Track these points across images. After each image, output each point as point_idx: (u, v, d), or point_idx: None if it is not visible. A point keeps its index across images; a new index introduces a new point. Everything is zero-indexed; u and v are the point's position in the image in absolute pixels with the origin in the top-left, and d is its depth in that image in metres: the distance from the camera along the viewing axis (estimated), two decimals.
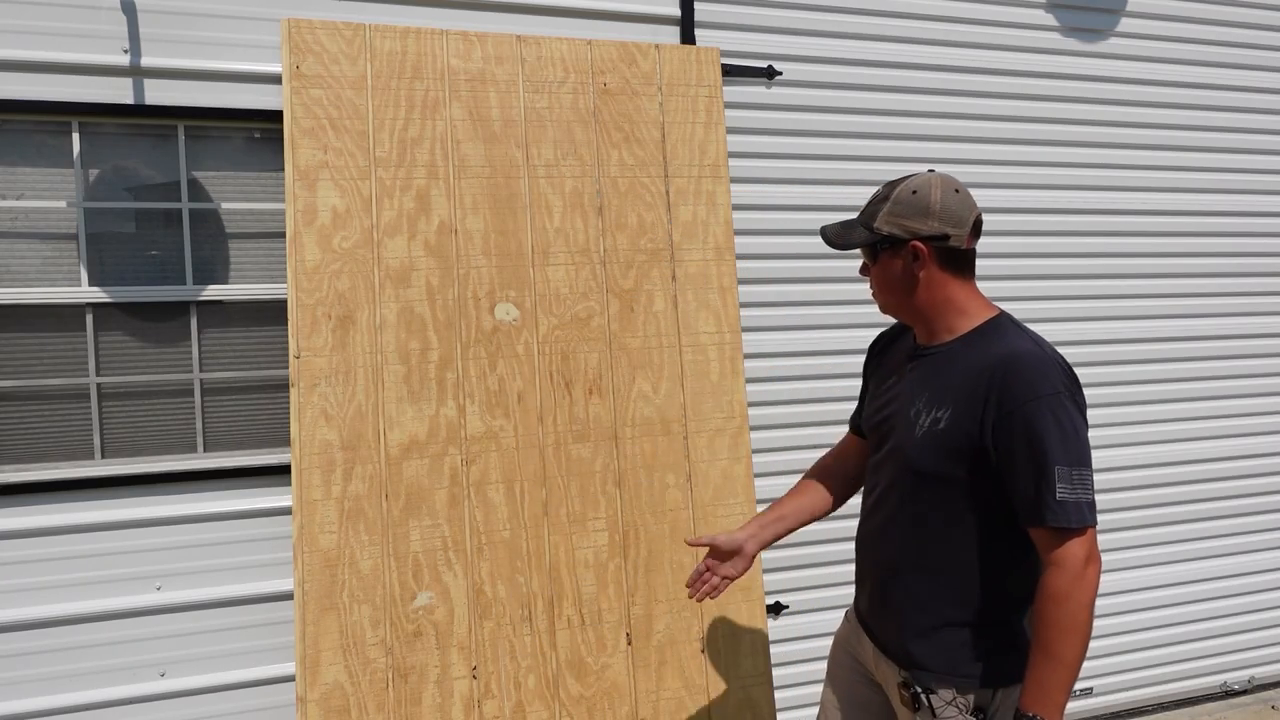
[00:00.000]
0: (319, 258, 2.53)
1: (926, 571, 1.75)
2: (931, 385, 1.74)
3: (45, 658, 2.54)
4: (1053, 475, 1.55)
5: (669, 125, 2.88)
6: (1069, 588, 1.54)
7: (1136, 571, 3.69)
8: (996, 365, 1.63)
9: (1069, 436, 1.58)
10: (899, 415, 1.80)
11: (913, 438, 1.73)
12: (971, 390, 1.64)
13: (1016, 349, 1.65)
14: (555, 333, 2.71)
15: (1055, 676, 1.54)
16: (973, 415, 1.63)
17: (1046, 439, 1.56)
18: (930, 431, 1.70)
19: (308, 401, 2.48)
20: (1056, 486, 1.55)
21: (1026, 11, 3.46)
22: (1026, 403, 1.58)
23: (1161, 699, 3.78)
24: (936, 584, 1.74)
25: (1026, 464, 1.58)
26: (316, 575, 2.44)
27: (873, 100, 3.27)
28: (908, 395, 1.79)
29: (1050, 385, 1.59)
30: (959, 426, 1.65)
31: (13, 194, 2.56)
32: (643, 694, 2.67)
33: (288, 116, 2.53)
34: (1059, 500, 1.55)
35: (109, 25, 2.55)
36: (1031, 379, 1.59)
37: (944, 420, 1.68)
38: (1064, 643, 1.54)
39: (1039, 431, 1.57)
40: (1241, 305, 3.81)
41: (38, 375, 2.59)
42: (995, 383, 1.61)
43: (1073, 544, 1.56)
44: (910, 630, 1.77)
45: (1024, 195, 3.49)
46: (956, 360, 1.72)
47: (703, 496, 2.78)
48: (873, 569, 1.90)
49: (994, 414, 1.60)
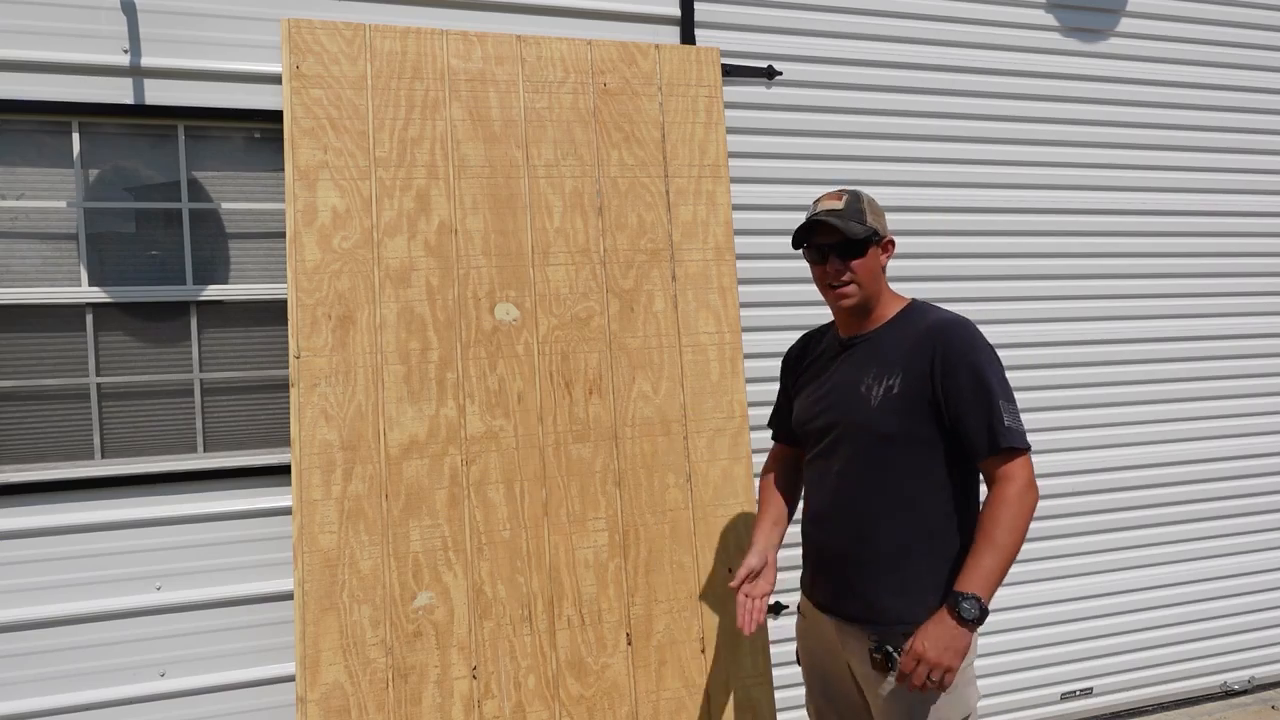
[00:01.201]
0: (319, 258, 2.53)
1: (897, 528, 1.94)
2: (876, 361, 1.99)
3: (45, 658, 2.54)
4: (999, 408, 1.85)
5: (669, 125, 2.88)
6: (1019, 494, 1.83)
7: (1136, 571, 3.69)
8: (935, 331, 1.93)
9: (1003, 379, 1.90)
10: (846, 398, 2.01)
11: (870, 408, 1.95)
12: (917, 353, 1.92)
13: (945, 317, 1.98)
14: (555, 333, 2.71)
15: (994, 563, 1.80)
16: (922, 373, 1.90)
17: (988, 380, 1.87)
18: (887, 397, 1.93)
19: (308, 401, 2.48)
20: (1004, 416, 1.85)
21: (1026, 11, 3.46)
22: (966, 354, 1.89)
23: (1161, 699, 3.78)
24: (908, 538, 1.93)
25: (975, 403, 1.86)
26: (316, 575, 2.44)
27: (873, 100, 3.27)
28: (852, 378, 2.02)
29: (981, 340, 1.92)
30: (912, 385, 1.91)
31: (13, 194, 2.56)
32: (643, 694, 2.67)
33: (288, 116, 2.53)
34: (1007, 427, 1.85)
35: (109, 25, 2.55)
36: (966, 337, 1.92)
37: (897, 385, 1.93)
38: (1008, 538, 1.80)
39: (981, 376, 1.87)
40: (1241, 305, 3.81)
41: (38, 375, 2.59)
42: (937, 344, 1.91)
43: (1020, 462, 1.85)
44: (887, 590, 1.93)
45: (1024, 195, 3.49)
46: (891, 337, 2.00)
47: (703, 496, 2.78)
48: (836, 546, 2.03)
49: (940, 368, 1.89)
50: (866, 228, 1.98)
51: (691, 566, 2.75)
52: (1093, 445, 3.62)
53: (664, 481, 2.76)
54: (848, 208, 2.00)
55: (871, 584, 1.95)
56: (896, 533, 1.94)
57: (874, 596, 1.94)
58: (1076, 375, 3.58)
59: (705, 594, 2.76)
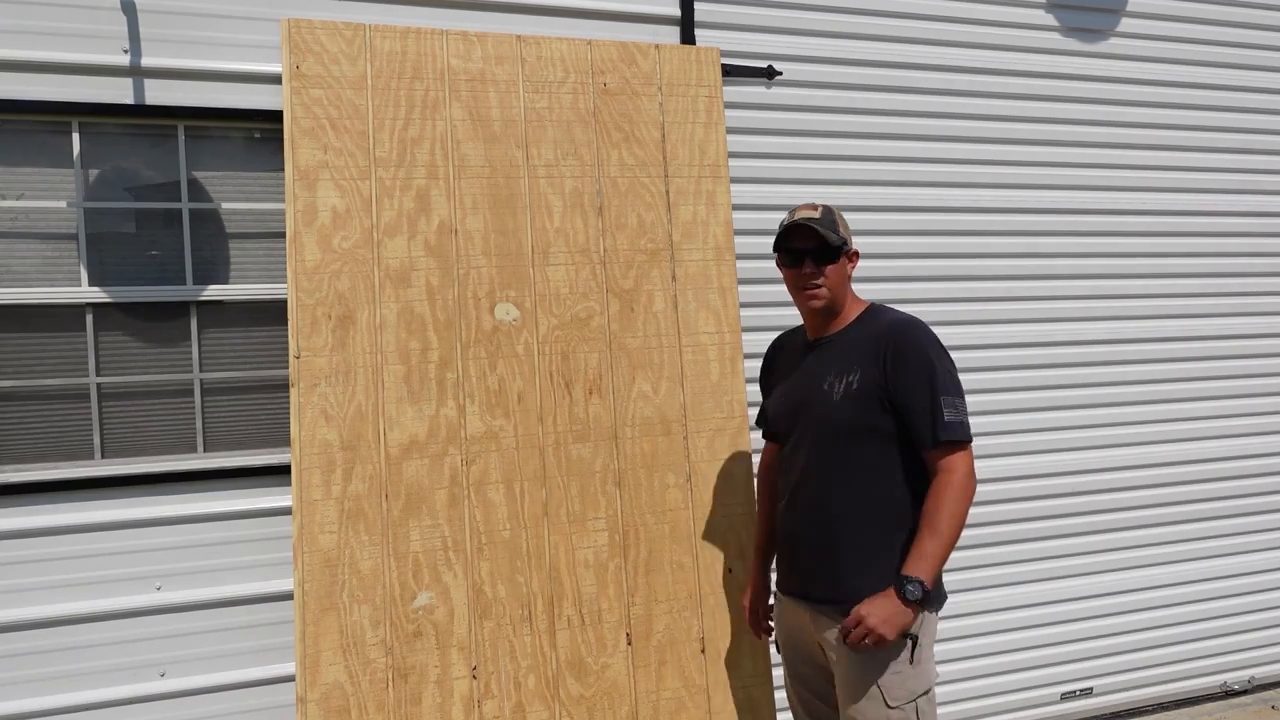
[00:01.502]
0: (319, 258, 2.53)
1: (858, 513, 2.10)
2: (837, 360, 2.16)
3: (45, 658, 2.54)
4: (940, 402, 2.02)
5: (669, 125, 2.88)
6: (960, 485, 2.01)
7: (1136, 571, 3.69)
8: (889, 330, 2.11)
9: (950, 374, 2.07)
10: (810, 395, 2.18)
11: (832, 402, 2.12)
12: (873, 351, 2.10)
13: (899, 318, 2.15)
14: (555, 333, 2.71)
15: (936, 548, 1.98)
16: (878, 368, 2.07)
17: (935, 377, 2.03)
18: (846, 393, 2.10)
19: (308, 401, 2.48)
20: (945, 412, 2.01)
21: (1026, 11, 3.46)
22: (913, 351, 2.06)
23: (1161, 699, 3.78)
24: (868, 522, 2.10)
25: (921, 398, 2.03)
26: (316, 575, 2.44)
27: (873, 100, 3.27)
28: (815, 376, 2.19)
29: (930, 338, 2.10)
30: (868, 379, 2.08)
31: (13, 194, 2.56)
32: (643, 694, 2.67)
33: (288, 116, 2.53)
34: (948, 421, 2.01)
35: (109, 25, 2.55)
36: (916, 335, 2.09)
37: (855, 380, 2.10)
38: (950, 524, 1.99)
39: (928, 372, 2.04)
40: (1241, 305, 3.81)
41: (38, 375, 2.59)
42: (891, 342, 2.08)
43: (960, 455, 2.03)
44: (850, 570, 2.10)
45: (1023, 195, 3.49)
46: (851, 338, 2.18)
47: (703, 496, 2.78)
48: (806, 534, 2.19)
49: (891, 364, 2.06)
50: (839, 237, 2.16)
51: (691, 566, 2.75)
52: (1093, 445, 3.62)
53: (664, 481, 2.76)
54: (824, 217, 2.17)
55: (837, 566, 2.12)
56: (857, 518, 2.11)
57: (840, 578, 2.11)
58: (1076, 375, 3.59)
59: (705, 594, 2.76)
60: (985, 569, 3.50)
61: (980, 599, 3.50)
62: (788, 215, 2.22)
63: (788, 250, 2.20)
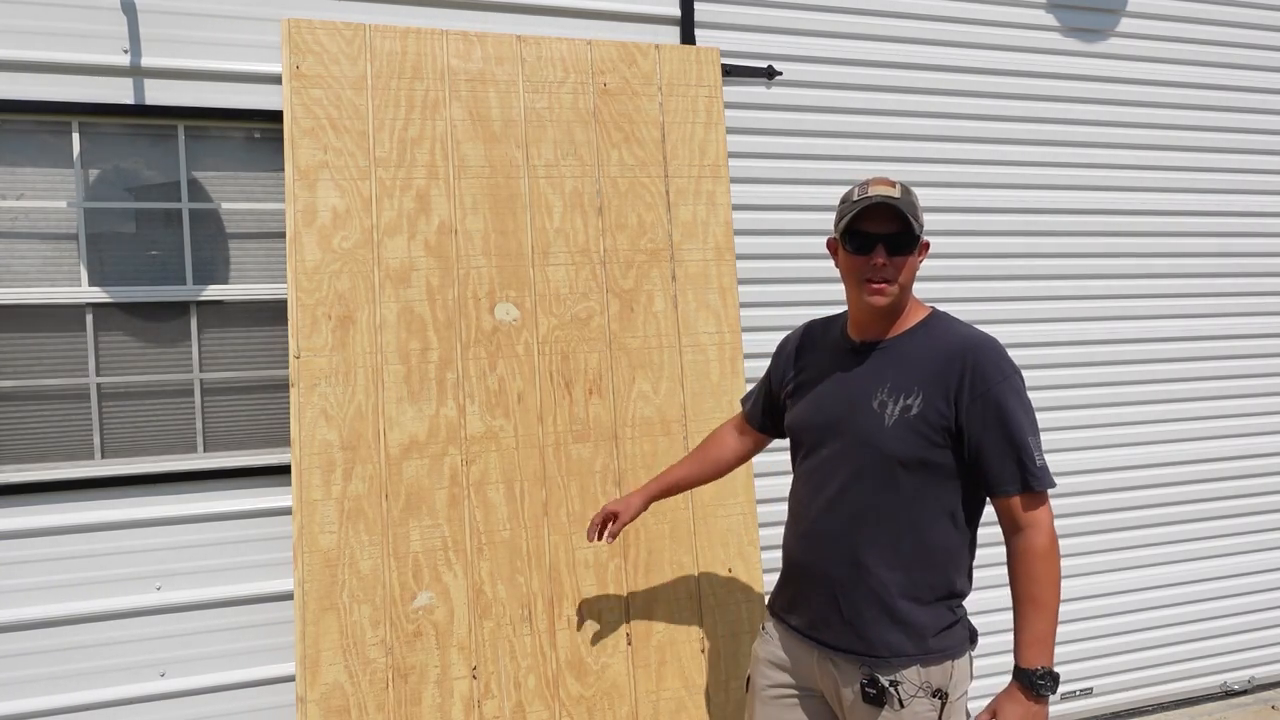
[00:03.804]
0: (319, 258, 2.53)
1: (897, 558, 1.80)
2: (893, 375, 1.82)
3: (45, 658, 2.54)
4: (1029, 445, 1.73)
5: (669, 125, 2.88)
6: (1050, 544, 1.75)
7: (1136, 571, 3.69)
8: (964, 351, 1.77)
9: (1030, 412, 1.77)
10: (855, 409, 1.84)
11: (883, 427, 1.79)
12: (940, 375, 1.77)
13: (976, 337, 1.81)
14: (555, 333, 2.71)
15: (1049, 626, 1.73)
16: (945, 397, 1.75)
17: (1019, 415, 1.74)
18: (902, 419, 1.77)
19: (308, 401, 2.48)
20: (1034, 455, 1.73)
21: (1026, 11, 3.46)
22: (996, 384, 1.74)
23: (1161, 699, 3.78)
24: (908, 570, 1.80)
25: (1002, 439, 1.73)
26: (316, 575, 2.44)
27: (873, 100, 3.27)
28: (863, 389, 1.85)
29: (1012, 368, 1.77)
30: (932, 408, 1.76)
31: (13, 194, 2.56)
32: (643, 694, 2.67)
33: (288, 116, 2.53)
34: (1039, 466, 1.73)
35: (109, 25, 2.55)
36: (997, 362, 1.76)
37: (915, 406, 1.77)
38: (1052, 593, 1.74)
39: (1011, 408, 1.73)
40: (1241, 305, 3.81)
41: (38, 375, 2.59)
42: (966, 367, 1.75)
43: (1044, 507, 1.75)
44: (881, 620, 1.80)
45: (1024, 195, 3.49)
46: (912, 350, 1.83)
47: (703, 496, 2.78)
48: (826, 569, 1.87)
49: (967, 395, 1.74)
50: (921, 224, 1.80)
51: (691, 566, 2.75)
52: (1093, 445, 3.62)
53: None
54: (904, 198, 1.77)
55: (865, 615, 1.81)
56: (896, 562, 1.80)
57: (865, 627, 1.81)
58: (1077, 375, 3.58)
59: (705, 594, 2.76)
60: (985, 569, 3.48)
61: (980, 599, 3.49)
62: (855, 190, 1.82)
63: (857, 233, 1.79)
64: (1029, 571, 1.75)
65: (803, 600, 1.94)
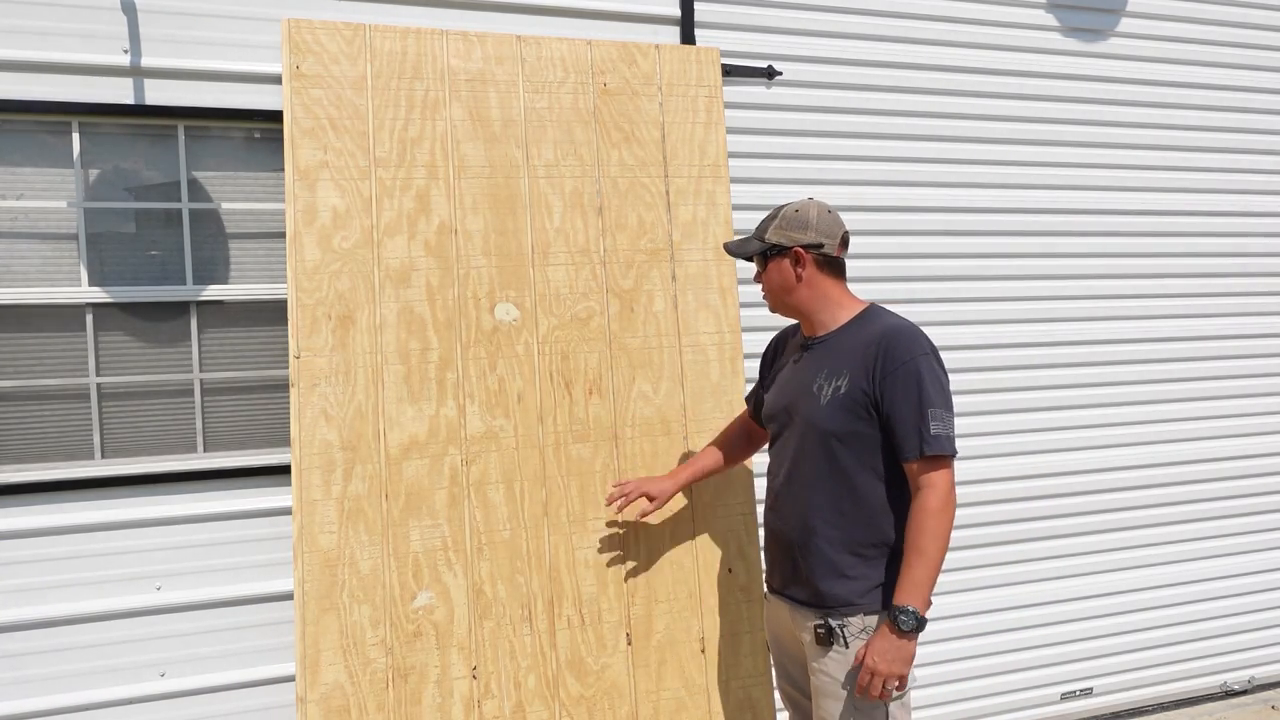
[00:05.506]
0: (319, 258, 2.53)
1: (839, 518, 2.10)
2: (827, 363, 2.13)
3: (45, 658, 2.54)
4: (928, 416, 1.98)
5: (669, 125, 2.88)
6: (942, 503, 1.98)
7: (1136, 571, 3.69)
8: (881, 336, 2.06)
9: (940, 386, 2.03)
10: (800, 395, 2.17)
11: (819, 406, 2.11)
12: (862, 357, 2.06)
13: (893, 324, 2.10)
14: (555, 333, 2.71)
15: (924, 573, 1.96)
16: (866, 375, 2.04)
17: (923, 388, 2.00)
18: (834, 397, 2.09)
19: (308, 401, 2.48)
20: (931, 424, 1.98)
21: (1026, 11, 3.46)
22: (904, 363, 2.01)
23: (1161, 699, 3.78)
24: (847, 527, 2.09)
25: (908, 408, 2.00)
26: (316, 575, 2.44)
27: (873, 100, 3.27)
28: (806, 377, 2.17)
29: (922, 347, 2.04)
30: (856, 386, 2.06)
31: (13, 194, 2.56)
32: (643, 694, 2.67)
33: (288, 116, 2.53)
34: (934, 434, 1.98)
35: (109, 25, 2.55)
36: (908, 343, 2.04)
37: (844, 386, 2.08)
38: (936, 546, 1.96)
39: (914, 384, 2.00)
40: (1241, 305, 3.81)
41: (38, 375, 2.59)
42: (881, 349, 2.04)
43: (942, 471, 1.99)
44: (829, 573, 2.10)
45: (1023, 195, 3.49)
46: (844, 341, 2.14)
47: (703, 496, 2.78)
48: (787, 533, 2.20)
49: (881, 371, 2.02)
50: (762, 243, 2.18)
51: (691, 566, 2.75)
52: (1093, 445, 3.62)
53: None
54: (758, 226, 2.23)
55: (816, 570, 2.11)
56: (839, 523, 2.10)
57: (818, 581, 2.11)
58: (1077, 375, 3.59)
59: (705, 594, 2.76)
60: (985, 569, 3.50)
61: (980, 599, 3.51)
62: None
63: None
64: (919, 524, 1.98)
65: (774, 564, 2.30)
